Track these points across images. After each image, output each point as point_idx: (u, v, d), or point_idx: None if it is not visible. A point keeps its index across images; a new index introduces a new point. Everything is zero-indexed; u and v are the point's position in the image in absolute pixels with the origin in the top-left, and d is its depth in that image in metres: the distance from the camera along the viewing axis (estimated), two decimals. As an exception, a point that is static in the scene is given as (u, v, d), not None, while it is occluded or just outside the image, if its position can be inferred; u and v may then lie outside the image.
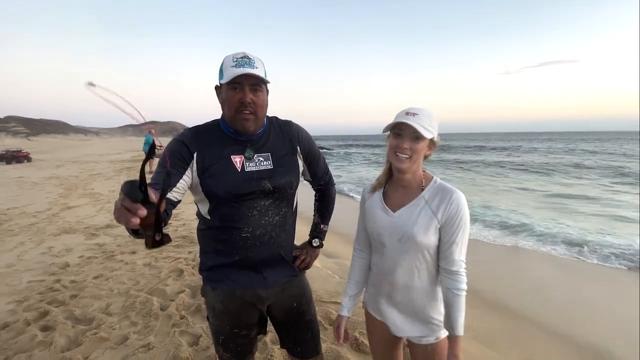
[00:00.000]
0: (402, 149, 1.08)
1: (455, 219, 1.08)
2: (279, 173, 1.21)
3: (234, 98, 1.11)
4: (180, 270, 3.62)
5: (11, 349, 2.37)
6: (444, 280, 1.12)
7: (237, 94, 1.10)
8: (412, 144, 1.08)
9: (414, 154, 1.08)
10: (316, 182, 1.47)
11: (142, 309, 2.84)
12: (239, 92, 1.10)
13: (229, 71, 1.09)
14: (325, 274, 3.44)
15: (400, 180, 1.18)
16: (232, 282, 1.22)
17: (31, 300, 3.09)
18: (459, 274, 1.09)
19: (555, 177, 15.42)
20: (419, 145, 1.08)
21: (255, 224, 1.18)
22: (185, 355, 2.19)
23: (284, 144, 1.27)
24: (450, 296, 1.09)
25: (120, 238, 4.93)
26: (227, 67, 1.10)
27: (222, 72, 1.13)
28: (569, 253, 5.13)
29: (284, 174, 1.22)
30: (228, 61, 1.11)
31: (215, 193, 1.14)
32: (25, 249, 4.58)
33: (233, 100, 1.11)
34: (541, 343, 2.81)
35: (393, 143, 1.11)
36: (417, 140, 1.07)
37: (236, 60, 1.10)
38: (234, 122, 1.14)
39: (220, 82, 1.14)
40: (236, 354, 1.32)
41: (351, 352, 2.22)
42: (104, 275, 3.59)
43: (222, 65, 1.14)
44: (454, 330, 1.08)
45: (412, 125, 1.04)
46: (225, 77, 1.09)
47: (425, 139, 1.08)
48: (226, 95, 1.12)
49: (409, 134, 1.08)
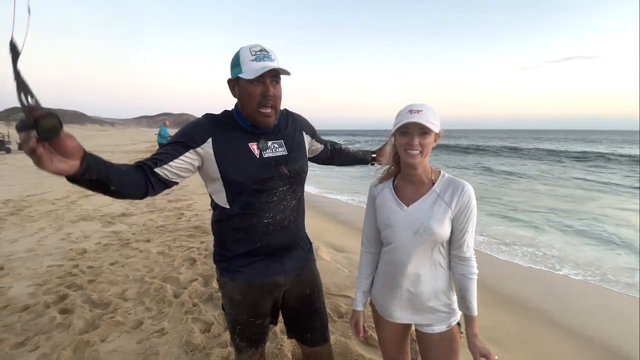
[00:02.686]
0: (413, 146, 1.11)
1: (467, 209, 1.14)
2: (294, 158, 1.26)
3: (255, 92, 1.10)
4: (193, 259, 3.70)
5: (31, 330, 2.48)
6: (457, 266, 1.19)
7: (258, 88, 1.10)
8: (421, 139, 1.11)
9: (424, 148, 1.13)
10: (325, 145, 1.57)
11: (156, 296, 2.92)
12: (260, 86, 1.10)
13: (249, 65, 1.08)
14: (335, 268, 3.46)
15: (411, 176, 1.21)
16: (251, 272, 1.24)
17: (51, 284, 3.20)
18: (471, 260, 1.17)
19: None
20: (427, 140, 1.12)
21: (275, 210, 1.21)
22: (197, 341, 2.25)
23: (294, 131, 1.32)
24: (465, 281, 1.17)
25: (135, 227, 5.06)
26: (247, 61, 1.08)
27: (239, 65, 1.10)
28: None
29: (297, 160, 1.28)
30: (246, 54, 1.09)
31: (236, 180, 1.15)
32: (45, 234, 4.74)
33: (255, 94, 1.11)
34: (553, 343, 2.77)
35: (402, 141, 1.14)
36: (425, 136, 1.11)
37: (255, 53, 1.09)
38: (254, 117, 1.15)
39: (238, 75, 1.10)
40: (251, 343, 1.35)
41: (360, 345, 2.24)
42: (119, 262, 3.70)
43: (238, 59, 1.11)
44: (470, 311, 1.17)
45: (419, 122, 1.08)
46: (249, 72, 1.07)
47: (432, 132, 1.12)
48: (247, 89, 1.11)
49: (416, 131, 1.11)
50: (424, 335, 1.27)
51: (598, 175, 15.17)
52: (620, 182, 12.98)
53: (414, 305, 1.24)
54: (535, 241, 5.51)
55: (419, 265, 1.19)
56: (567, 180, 13.54)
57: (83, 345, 2.27)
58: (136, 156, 16.30)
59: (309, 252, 1.41)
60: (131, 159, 15.15)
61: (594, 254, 4.96)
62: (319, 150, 1.55)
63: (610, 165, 19.88)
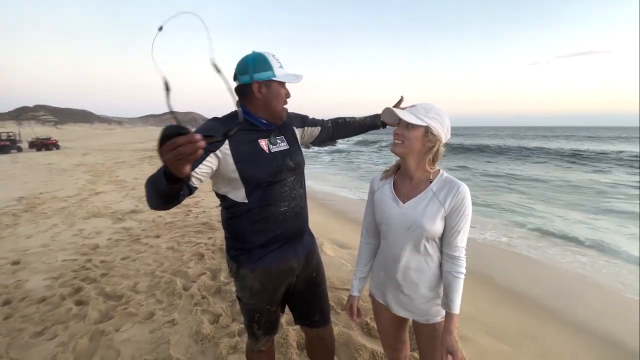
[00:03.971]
0: (396, 135, 1.22)
1: (461, 209, 1.17)
2: (295, 152, 1.40)
3: (283, 93, 1.31)
4: (201, 254, 3.81)
5: (49, 320, 2.61)
6: (445, 263, 1.23)
7: (284, 89, 1.31)
8: (404, 130, 1.20)
9: (406, 140, 1.20)
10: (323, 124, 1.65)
11: (166, 289, 3.03)
12: (285, 89, 1.32)
13: (279, 71, 1.26)
14: (339, 263, 3.55)
15: (407, 171, 1.27)
16: (270, 259, 1.33)
17: (66, 277, 3.34)
18: (460, 259, 1.20)
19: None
20: (410, 133, 1.19)
21: (288, 198, 1.34)
22: (206, 331, 2.35)
23: (288, 126, 1.46)
24: (450, 278, 1.20)
25: (144, 223, 5.20)
26: (276, 67, 1.25)
27: (271, 69, 1.24)
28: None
29: (297, 152, 1.42)
30: (273, 61, 1.25)
31: (254, 176, 1.24)
32: (58, 230, 4.90)
33: (282, 95, 1.30)
34: (559, 337, 2.80)
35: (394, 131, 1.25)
36: (408, 128, 1.19)
37: (278, 61, 1.27)
38: (281, 113, 1.32)
39: (270, 78, 1.24)
40: (266, 330, 1.45)
41: (362, 335, 2.32)
42: (130, 257, 3.83)
43: (265, 63, 1.24)
44: (450, 308, 1.19)
45: (401, 117, 1.18)
46: (285, 77, 1.27)
47: (417, 126, 1.18)
48: (277, 91, 1.28)
49: (403, 123, 1.21)
50: (420, 326, 1.32)
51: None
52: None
53: (408, 297, 1.28)
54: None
55: (412, 259, 1.25)
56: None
57: (98, 335, 2.39)
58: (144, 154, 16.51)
59: (313, 238, 1.55)
60: (139, 157, 15.37)
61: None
62: (317, 132, 1.63)
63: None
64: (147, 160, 13.62)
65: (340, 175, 12.95)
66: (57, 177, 10.09)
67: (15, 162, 14.99)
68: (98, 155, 17.19)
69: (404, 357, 1.49)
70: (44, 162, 14.23)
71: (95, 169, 11.50)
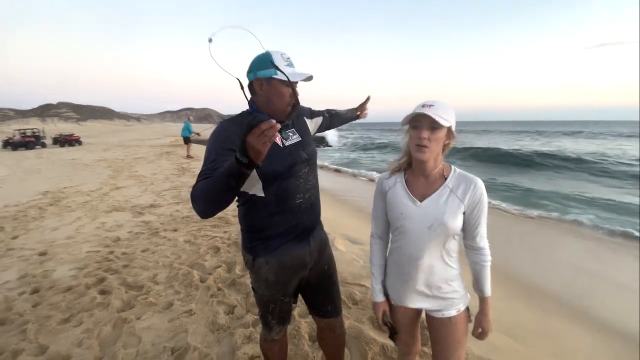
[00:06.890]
0: (422, 139, 1.14)
1: (480, 203, 1.20)
2: (307, 142, 1.45)
3: (287, 91, 1.30)
4: (217, 247, 3.92)
5: (75, 308, 2.76)
6: (471, 255, 1.29)
7: (289, 88, 1.30)
8: (430, 133, 1.14)
9: (432, 143, 1.15)
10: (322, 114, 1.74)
11: (184, 280, 3.15)
12: (289, 88, 1.30)
13: (287, 70, 1.26)
14: (350, 258, 3.59)
15: (422, 170, 1.25)
16: (285, 249, 1.38)
17: (90, 267, 3.51)
18: (484, 249, 1.26)
19: None
20: (437, 135, 1.14)
21: (303, 190, 1.38)
22: (222, 322, 2.44)
23: (299, 118, 1.50)
24: (478, 268, 1.28)
25: (163, 217, 5.36)
26: (281, 66, 1.26)
27: (274, 68, 1.24)
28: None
29: (310, 143, 1.47)
30: (279, 60, 1.26)
31: (272, 170, 1.28)
32: (82, 223, 5.11)
33: (286, 93, 1.30)
34: (574, 336, 2.76)
35: (413, 135, 1.18)
36: (434, 130, 1.14)
37: (286, 60, 1.28)
38: (283, 112, 1.32)
39: (271, 75, 1.26)
40: (280, 320, 1.52)
41: (373, 329, 2.36)
42: (150, 249, 3.98)
43: (271, 61, 1.25)
44: (483, 293, 1.29)
45: (429, 115, 1.10)
46: (282, 75, 1.25)
47: (443, 127, 1.14)
48: (278, 89, 1.29)
49: (426, 125, 1.14)
50: (434, 320, 1.33)
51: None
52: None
53: (425, 293, 1.30)
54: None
55: (432, 257, 1.25)
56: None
57: (121, 322, 2.52)
58: (162, 150, 16.88)
59: (324, 230, 1.60)
60: (156, 152, 15.72)
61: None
62: (320, 122, 1.72)
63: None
64: (164, 156, 13.92)
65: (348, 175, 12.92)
66: (80, 172, 10.46)
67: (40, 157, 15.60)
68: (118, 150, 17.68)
69: (415, 352, 1.50)
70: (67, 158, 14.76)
71: (115, 164, 11.86)
